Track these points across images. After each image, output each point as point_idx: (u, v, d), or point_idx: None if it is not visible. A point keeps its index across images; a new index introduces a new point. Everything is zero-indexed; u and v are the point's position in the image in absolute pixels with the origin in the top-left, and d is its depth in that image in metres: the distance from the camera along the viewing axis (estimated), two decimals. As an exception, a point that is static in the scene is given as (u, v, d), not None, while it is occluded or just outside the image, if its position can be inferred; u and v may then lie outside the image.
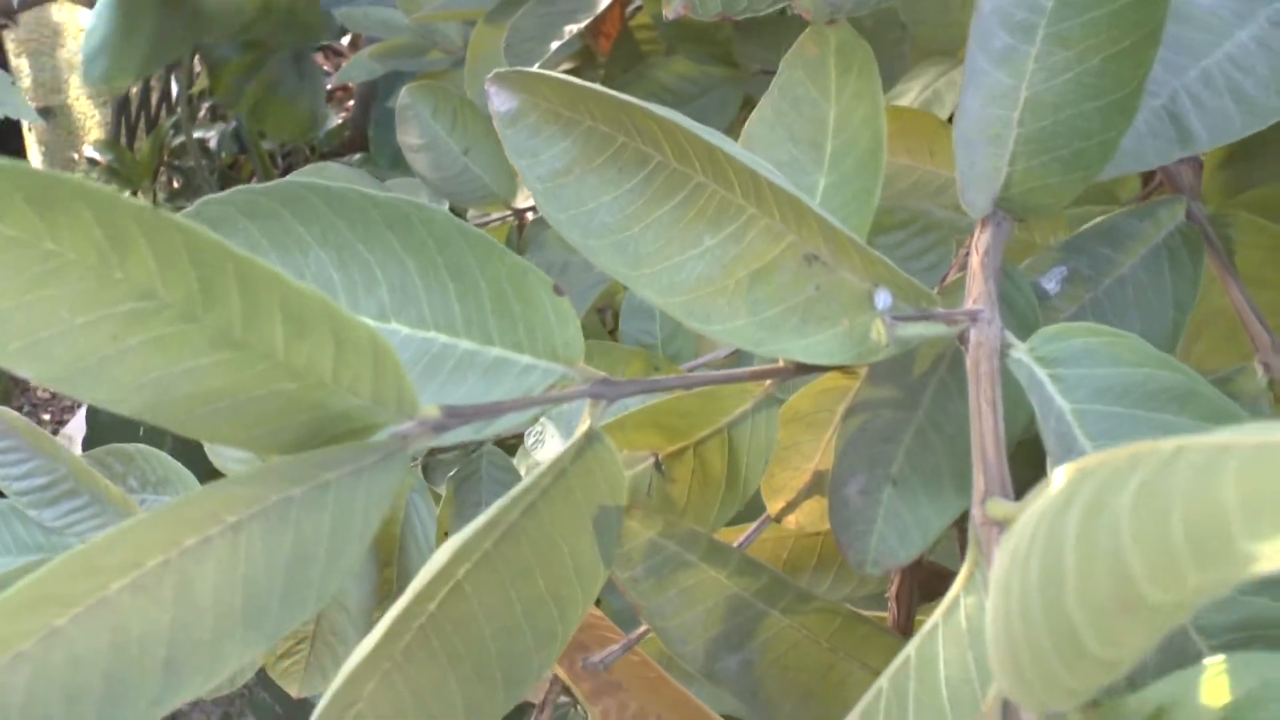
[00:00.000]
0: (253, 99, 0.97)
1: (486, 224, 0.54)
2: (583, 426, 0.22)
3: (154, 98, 1.25)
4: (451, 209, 0.49)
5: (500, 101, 0.27)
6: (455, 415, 0.20)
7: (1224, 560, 0.10)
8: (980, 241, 0.25)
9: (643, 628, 0.27)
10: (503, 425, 0.22)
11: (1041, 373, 0.21)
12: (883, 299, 0.22)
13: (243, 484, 0.19)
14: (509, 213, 0.54)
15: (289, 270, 0.24)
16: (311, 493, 0.20)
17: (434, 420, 0.20)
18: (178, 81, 1.19)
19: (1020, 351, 0.22)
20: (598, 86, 0.25)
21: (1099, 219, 0.29)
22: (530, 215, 0.54)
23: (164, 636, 0.19)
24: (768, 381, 0.27)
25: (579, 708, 0.57)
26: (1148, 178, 0.40)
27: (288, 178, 0.24)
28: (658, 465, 0.28)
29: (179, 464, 0.35)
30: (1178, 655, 0.19)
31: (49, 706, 0.19)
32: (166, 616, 0.19)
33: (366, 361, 0.18)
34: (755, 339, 0.24)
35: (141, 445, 0.34)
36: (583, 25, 0.49)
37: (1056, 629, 0.12)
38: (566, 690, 0.41)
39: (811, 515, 0.29)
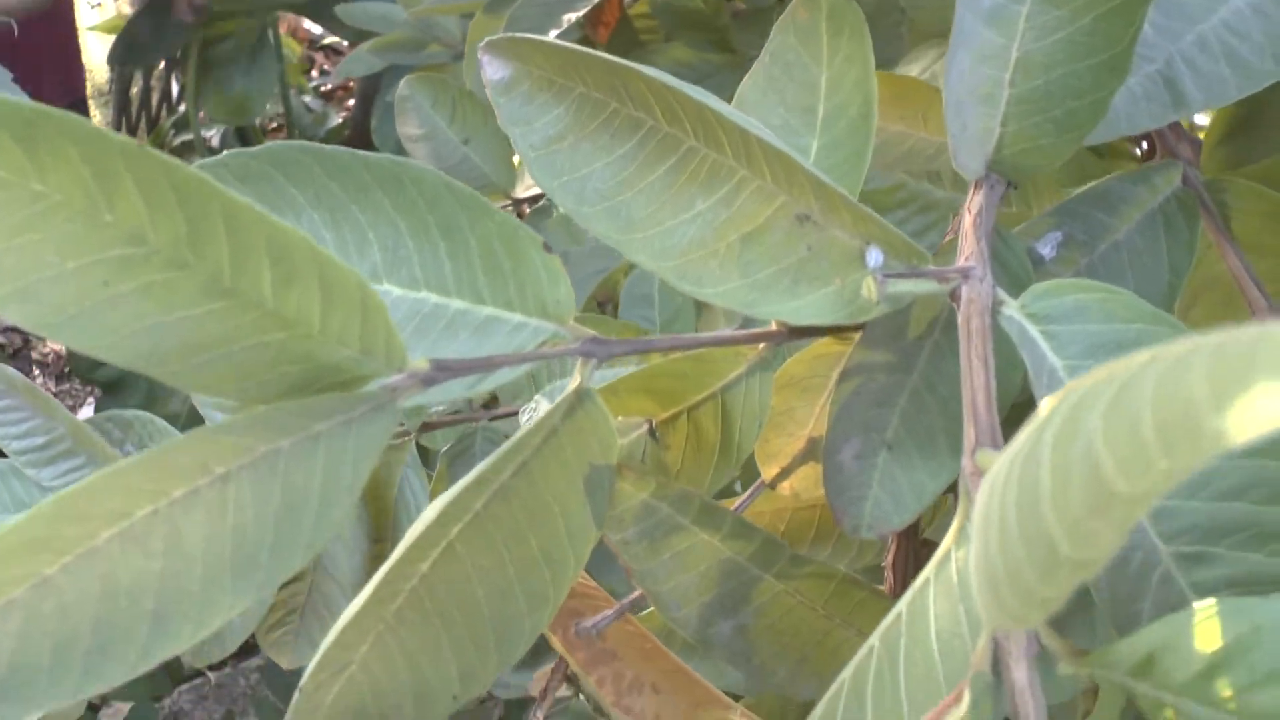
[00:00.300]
0: (194, 76, 0.99)
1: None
2: (573, 384, 0.22)
3: (154, 98, 1.26)
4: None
5: (493, 70, 0.27)
6: (444, 369, 0.20)
7: (1194, 442, 0.10)
8: (973, 203, 0.25)
9: (636, 593, 0.27)
10: (494, 382, 0.23)
11: (1033, 329, 0.21)
12: (874, 257, 0.22)
13: (230, 433, 0.19)
14: (509, 202, 0.55)
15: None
16: (301, 444, 0.20)
17: (423, 373, 0.20)
18: (178, 81, 1.20)
19: (1012, 308, 0.22)
20: (589, 50, 0.25)
21: (1093, 184, 0.29)
22: (529, 206, 0.54)
23: (153, 587, 0.20)
24: (761, 345, 0.27)
25: (580, 697, 0.57)
26: (1145, 155, 0.40)
27: (279, 142, 0.24)
28: (652, 432, 0.28)
29: (176, 430, 0.36)
30: (1141, 569, 0.19)
31: (38, 655, 0.19)
32: (156, 567, 0.19)
33: (355, 310, 0.18)
34: (747, 301, 0.24)
35: (140, 412, 0.35)
36: (581, 14, 0.49)
37: (1031, 538, 0.12)
38: (567, 679, 0.41)
39: (806, 481, 0.29)
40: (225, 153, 0.25)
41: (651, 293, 0.51)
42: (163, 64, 1.20)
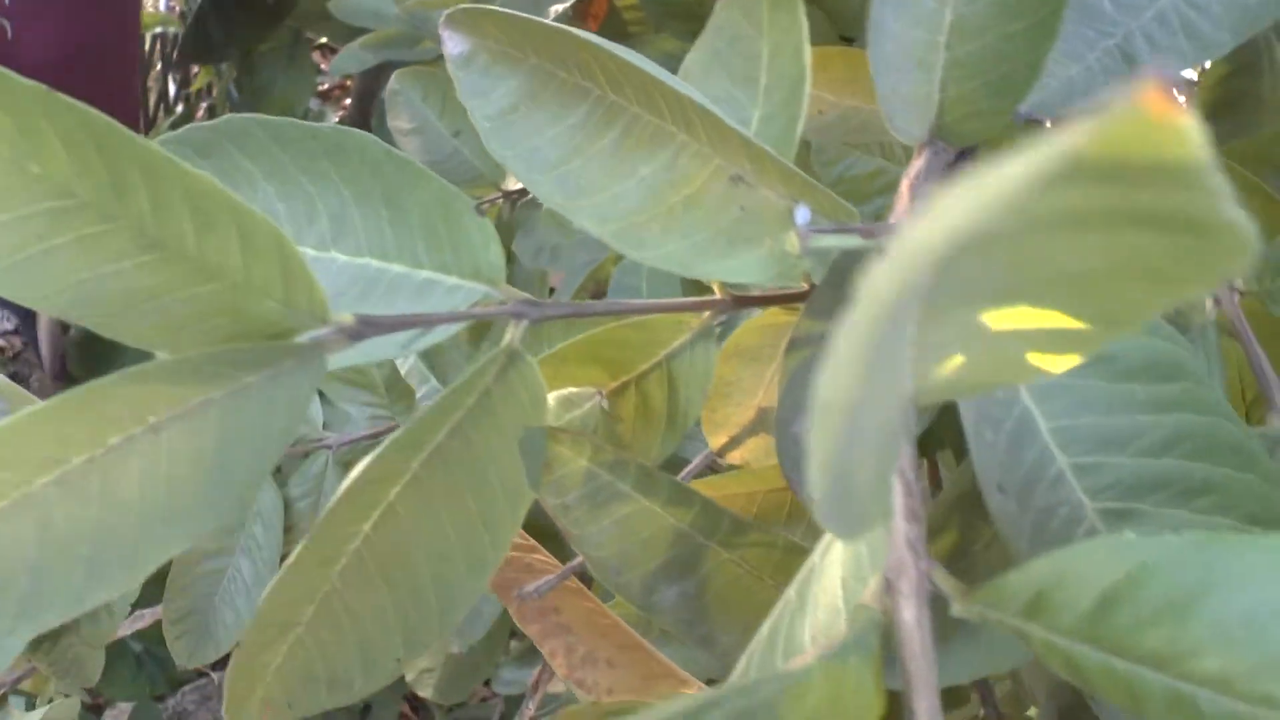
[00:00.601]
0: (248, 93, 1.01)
1: (477, 206, 0.56)
2: (504, 343, 0.23)
3: (153, 98, 1.29)
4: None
5: (453, 45, 0.28)
6: (370, 324, 0.21)
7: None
8: (914, 168, 0.26)
9: (580, 558, 0.28)
10: (428, 341, 0.23)
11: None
12: (802, 214, 0.23)
13: (162, 379, 0.20)
14: (499, 195, 0.56)
15: (237, 206, 0.26)
16: (232, 395, 0.21)
17: (349, 328, 0.21)
18: (174, 81, 1.23)
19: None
20: (540, 20, 0.26)
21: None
22: (518, 199, 0.55)
23: (88, 534, 0.20)
24: (705, 313, 0.27)
25: (569, 688, 0.57)
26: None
27: (235, 115, 0.26)
28: (602, 403, 0.29)
29: None
30: (1065, 525, 0.19)
31: (-24, 597, 0.20)
32: (92, 514, 0.20)
33: (273, 258, 0.19)
34: (685, 262, 0.24)
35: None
36: (568, 5, 0.50)
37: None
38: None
39: (756, 452, 0.29)
40: (185, 128, 0.26)
41: (639, 284, 0.52)
42: (159, 65, 1.23)
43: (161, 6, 1.30)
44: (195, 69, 1.18)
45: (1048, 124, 0.29)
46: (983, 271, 0.11)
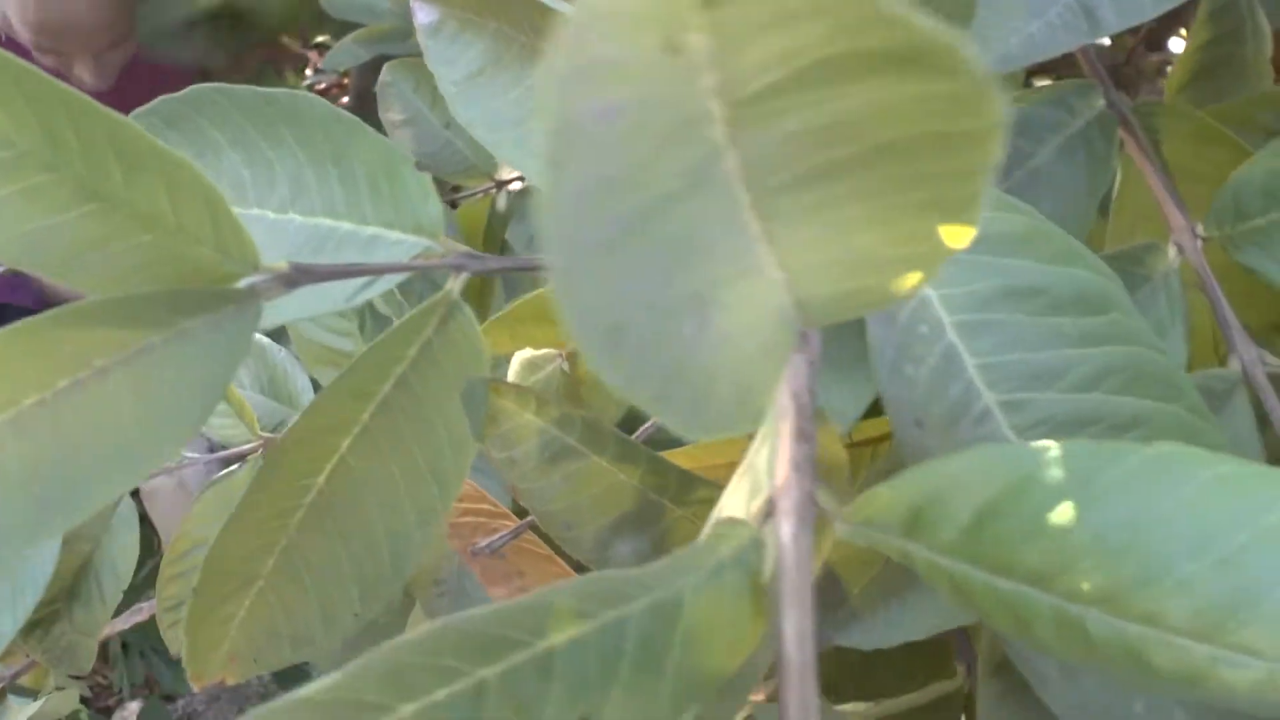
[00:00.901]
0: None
1: (469, 196, 0.57)
2: (443, 293, 0.24)
3: None
4: (435, 182, 0.51)
5: (423, 15, 0.29)
6: (305, 272, 0.22)
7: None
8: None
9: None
10: (370, 293, 0.24)
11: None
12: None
13: (103, 321, 0.21)
14: (492, 184, 0.57)
15: (209, 172, 0.27)
16: (172, 341, 0.22)
17: (285, 274, 0.22)
18: None
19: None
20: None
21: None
22: (510, 189, 0.56)
23: (41, 473, 0.21)
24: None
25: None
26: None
27: (201, 85, 0.27)
28: (563, 365, 0.29)
29: None
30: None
31: (-69, 535, 0.21)
32: (44, 453, 0.21)
33: (200, 204, 0.20)
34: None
35: None
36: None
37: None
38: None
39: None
40: (154, 100, 0.27)
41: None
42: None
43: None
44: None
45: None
46: (789, 145, 0.11)
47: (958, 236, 0.13)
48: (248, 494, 0.24)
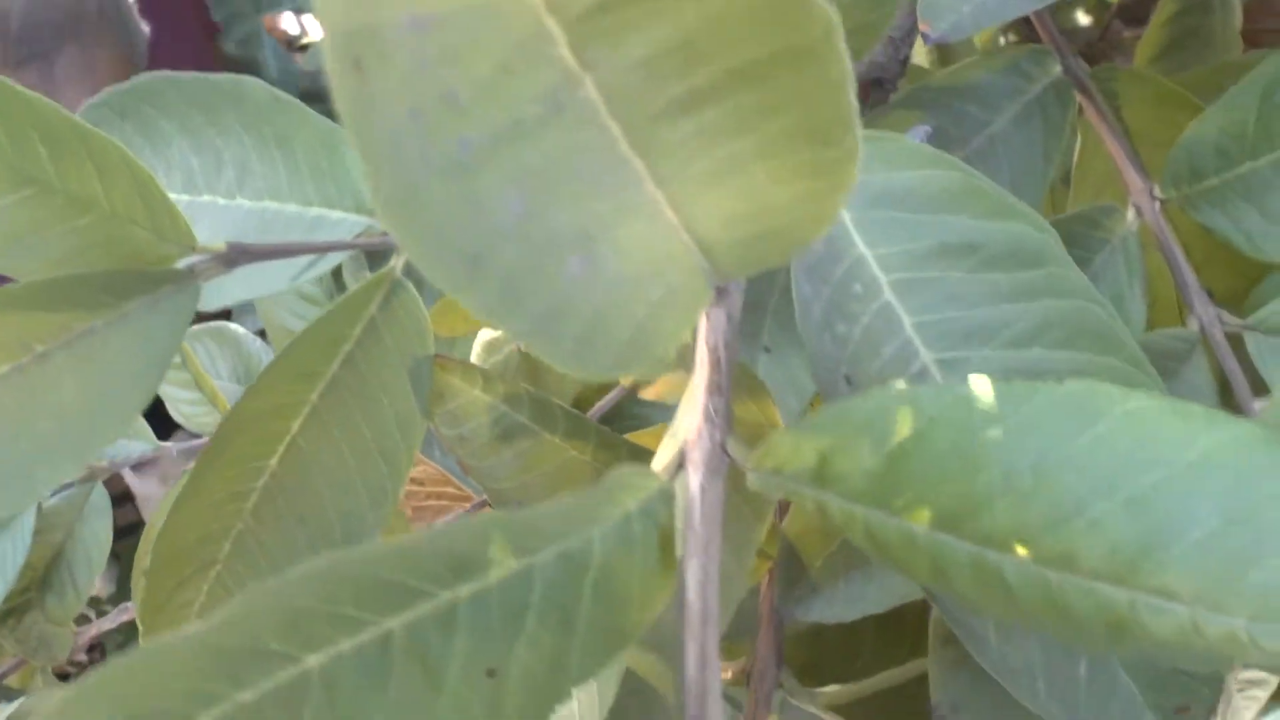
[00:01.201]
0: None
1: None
2: (386, 270, 0.24)
3: None
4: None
5: None
6: (242, 251, 0.22)
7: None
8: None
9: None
10: (313, 273, 0.24)
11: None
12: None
13: (41, 304, 0.21)
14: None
15: (160, 163, 0.27)
16: (112, 324, 0.22)
17: (222, 254, 0.22)
18: None
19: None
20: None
21: (952, 72, 0.29)
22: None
23: (-17, 459, 0.22)
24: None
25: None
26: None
27: (149, 75, 0.27)
28: (520, 345, 0.29)
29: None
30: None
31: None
32: (-16, 440, 0.22)
33: (129, 184, 0.20)
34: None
35: None
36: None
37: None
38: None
39: (673, 387, 0.29)
40: (104, 91, 0.27)
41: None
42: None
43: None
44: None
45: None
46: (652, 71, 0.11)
47: (842, 168, 0.13)
48: (194, 474, 0.24)
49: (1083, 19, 0.50)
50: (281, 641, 0.13)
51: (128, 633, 0.52)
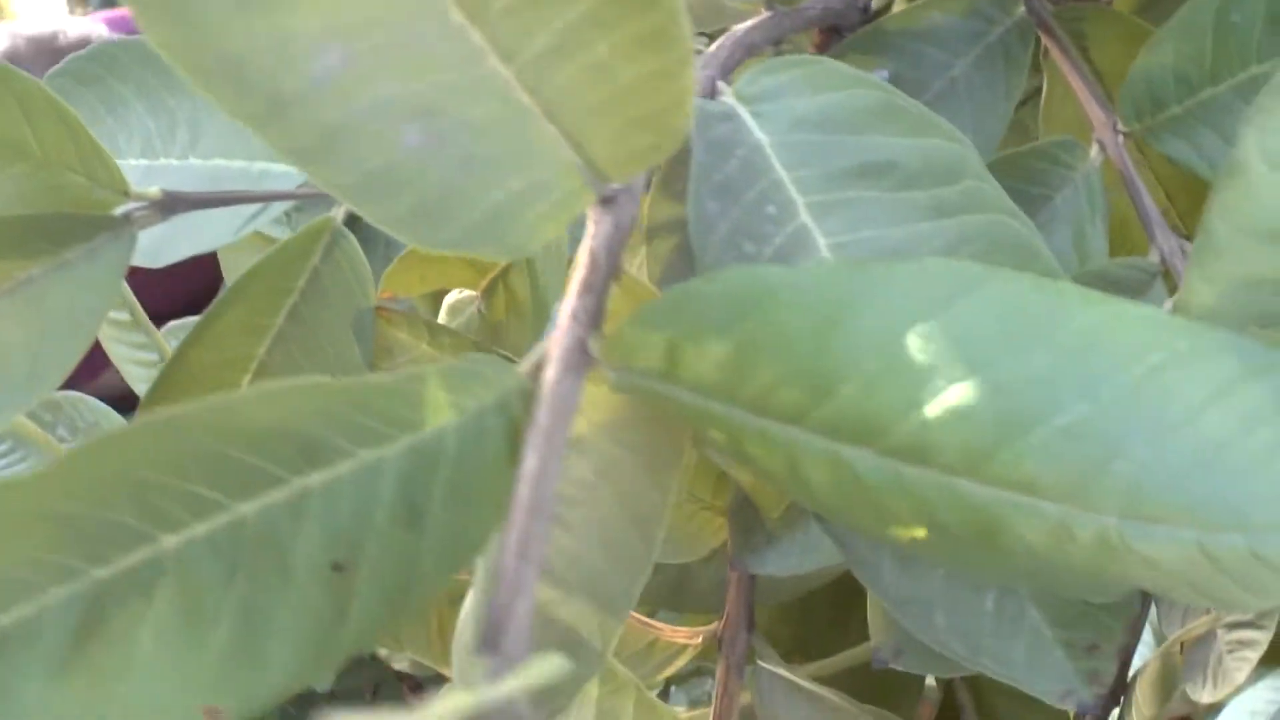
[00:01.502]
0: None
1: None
2: (327, 218, 0.24)
3: None
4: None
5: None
6: (178, 199, 0.23)
7: None
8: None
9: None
10: (257, 223, 0.25)
11: (743, 110, 0.22)
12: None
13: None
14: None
15: (121, 129, 0.28)
16: (52, 271, 0.23)
17: (158, 201, 0.23)
18: None
19: (726, 94, 0.22)
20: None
21: (913, 17, 0.28)
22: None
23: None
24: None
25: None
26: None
27: (105, 40, 0.28)
28: (480, 307, 0.30)
29: (107, 407, 0.38)
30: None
31: None
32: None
33: (61, 127, 0.21)
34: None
35: (69, 392, 0.37)
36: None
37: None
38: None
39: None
40: (65, 59, 0.29)
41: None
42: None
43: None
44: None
45: None
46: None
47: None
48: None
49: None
50: (137, 518, 0.13)
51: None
